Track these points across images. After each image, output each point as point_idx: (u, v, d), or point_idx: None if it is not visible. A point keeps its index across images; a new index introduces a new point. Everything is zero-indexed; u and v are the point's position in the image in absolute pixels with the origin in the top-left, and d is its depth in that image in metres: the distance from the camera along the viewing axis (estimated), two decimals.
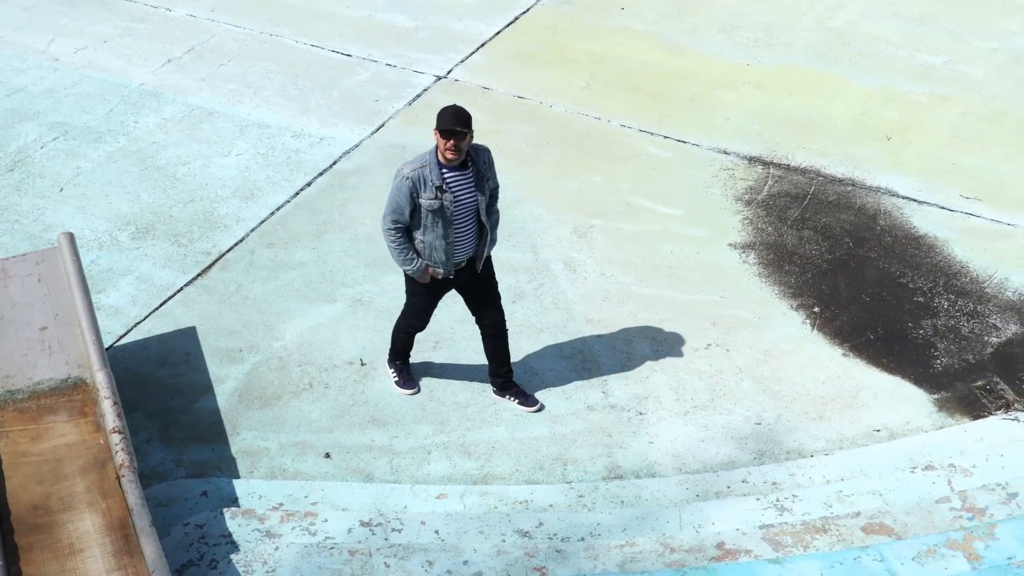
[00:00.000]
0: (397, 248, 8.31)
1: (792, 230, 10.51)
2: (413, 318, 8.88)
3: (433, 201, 8.09)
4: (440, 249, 8.28)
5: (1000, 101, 11.90)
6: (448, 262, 8.34)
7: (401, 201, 8.14)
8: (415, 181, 8.08)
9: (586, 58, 12.63)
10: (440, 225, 8.18)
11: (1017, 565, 7.75)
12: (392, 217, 8.22)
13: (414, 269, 8.35)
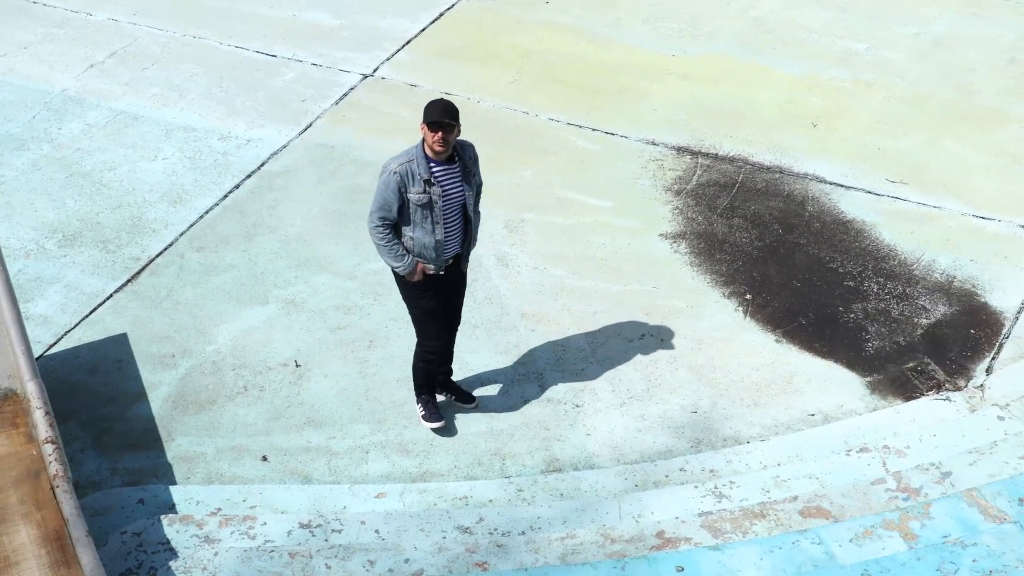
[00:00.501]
0: (386, 246, 8.15)
1: (722, 219, 10.58)
2: (427, 337, 8.55)
3: (422, 195, 7.98)
4: (430, 246, 8.14)
5: (922, 85, 12.04)
6: (439, 258, 8.20)
7: (389, 197, 8.00)
8: (403, 175, 7.95)
9: (512, 53, 12.64)
10: (429, 220, 8.06)
11: (952, 543, 7.85)
12: (380, 214, 8.08)
13: (405, 266, 8.17)
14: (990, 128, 11.46)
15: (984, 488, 8.20)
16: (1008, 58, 12.32)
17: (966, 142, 11.32)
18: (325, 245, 10.38)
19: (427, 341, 8.56)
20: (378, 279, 10.00)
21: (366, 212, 10.54)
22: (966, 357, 9.32)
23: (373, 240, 8.20)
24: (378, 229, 8.13)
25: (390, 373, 9.25)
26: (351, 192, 10.90)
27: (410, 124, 11.61)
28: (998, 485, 8.22)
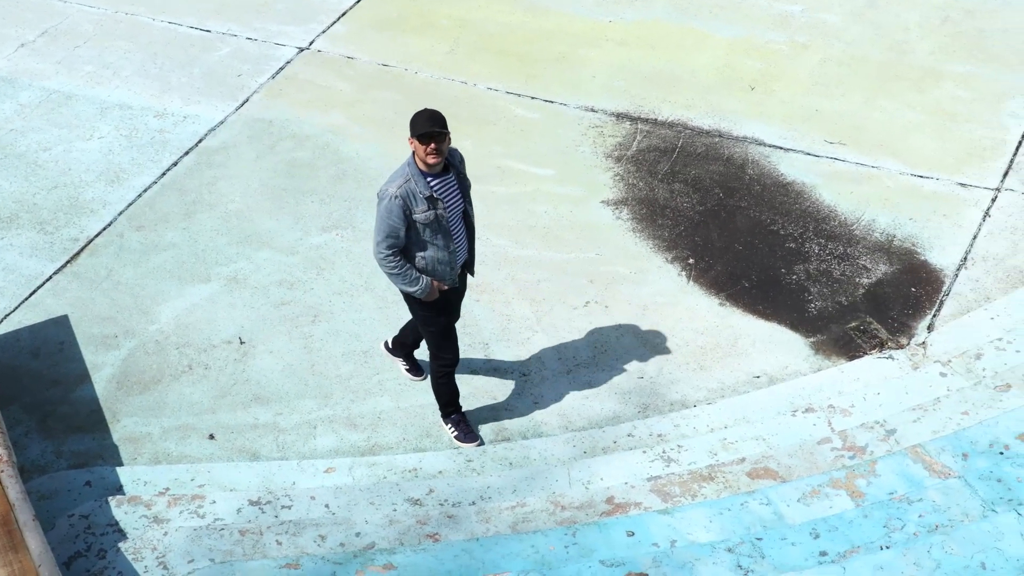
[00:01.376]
0: (400, 274, 7.86)
1: (663, 184, 10.60)
2: (441, 353, 8.34)
3: (428, 213, 7.70)
4: (444, 261, 7.91)
5: (857, 46, 12.09)
6: (452, 271, 8.00)
7: (395, 223, 7.69)
8: (405, 198, 7.64)
9: (449, 22, 12.58)
10: (439, 237, 7.81)
11: (898, 500, 7.93)
12: (387, 243, 7.76)
13: (422, 288, 7.90)
14: (925, 87, 11.54)
15: (928, 444, 8.28)
16: (942, 17, 12.40)
17: (902, 101, 11.40)
18: (266, 221, 10.31)
19: (444, 355, 8.34)
20: (320, 253, 9.95)
21: (306, 187, 10.56)
22: (908, 315, 9.40)
23: (384, 270, 7.90)
24: (388, 259, 7.82)
25: (335, 347, 9.22)
26: (290, 167, 10.84)
27: (347, 97, 11.57)
28: (942, 441, 8.31)
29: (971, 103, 11.31)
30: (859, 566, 7.53)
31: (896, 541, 7.68)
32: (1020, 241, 9.89)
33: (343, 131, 11.24)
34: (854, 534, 7.74)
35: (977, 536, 7.68)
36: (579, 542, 7.75)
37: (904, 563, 7.53)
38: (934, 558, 7.55)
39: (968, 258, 9.80)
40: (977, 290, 9.53)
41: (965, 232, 10.03)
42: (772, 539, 7.74)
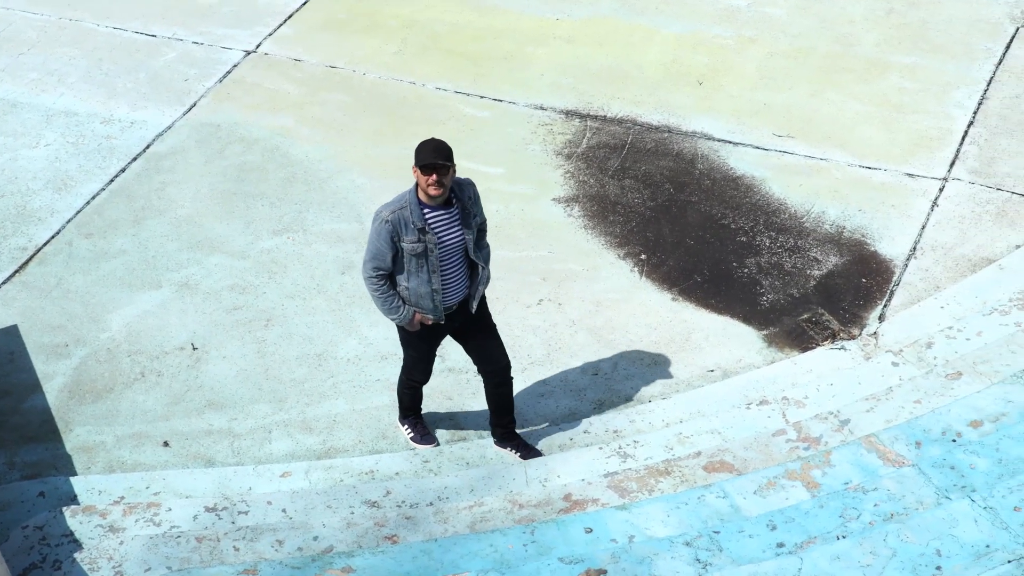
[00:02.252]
0: (381, 297, 7.71)
1: (613, 180, 10.62)
2: (413, 371, 8.28)
3: (416, 244, 7.53)
4: (426, 296, 7.70)
5: (803, 39, 12.16)
6: (436, 308, 7.76)
7: (382, 247, 7.56)
8: (395, 224, 7.49)
9: (396, 23, 12.55)
10: (425, 270, 7.62)
11: (854, 489, 7.98)
12: (373, 264, 7.63)
13: (401, 317, 7.76)
14: (872, 78, 11.61)
15: (882, 433, 8.34)
16: (886, 9, 12.48)
17: (849, 93, 11.47)
18: (216, 225, 10.26)
19: (415, 376, 8.30)
20: (272, 257, 9.91)
21: (256, 190, 10.52)
22: (859, 306, 9.46)
23: (367, 290, 7.79)
24: (372, 280, 7.69)
25: (289, 351, 9.18)
26: (240, 171, 10.79)
27: (295, 99, 11.53)
28: (895, 430, 8.36)
29: (917, 94, 11.39)
30: (816, 556, 7.57)
31: (852, 531, 7.72)
32: (968, 230, 9.98)
33: (292, 134, 11.19)
34: (810, 525, 7.78)
35: (932, 523, 7.73)
36: (537, 540, 7.75)
37: (860, 552, 7.57)
38: (890, 546, 7.60)
39: (917, 248, 9.88)
40: (927, 279, 9.60)
41: (914, 222, 10.10)
42: (729, 532, 7.76)
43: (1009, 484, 7.93)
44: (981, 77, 11.52)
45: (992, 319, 9.16)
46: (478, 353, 8.18)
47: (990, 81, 11.47)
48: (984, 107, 11.18)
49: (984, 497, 7.87)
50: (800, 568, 7.50)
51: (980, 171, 10.52)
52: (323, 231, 10.17)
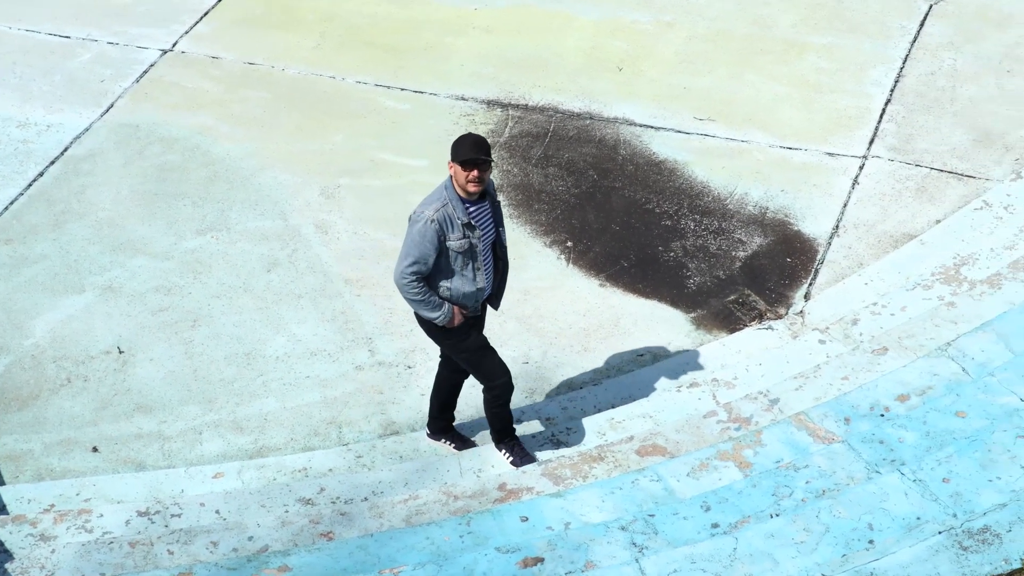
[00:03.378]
0: (421, 299, 7.50)
1: (537, 169, 10.63)
2: (491, 376, 7.92)
3: (463, 241, 7.40)
4: (470, 294, 7.60)
5: (721, 22, 12.22)
6: (476, 302, 7.70)
7: (426, 248, 7.36)
8: (441, 223, 7.31)
9: (314, 17, 12.48)
10: (470, 267, 7.52)
11: (785, 468, 8.04)
12: (414, 268, 7.41)
13: (444, 315, 7.55)
14: (789, 60, 11.70)
15: (811, 411, 8.41)
16: None
17: (768, 75, 11.55)
18: (138, 227, 10.15)
19: (493, 380, 7.93)
20: (196, 257, 9.83)
21: (177, 190, 10.41)
22: (784, 285, 9.54)
23: (404, 295, 7.57)
24: (411, 284, 7.46)
25: (217, 351, 9.11)
26: (160, 171, 10.68)
27: (214, 97, 11.43)
28: (824, 407, 8.44)
29: (834, 73, 11.49)
30: (751, 535, 7.63)
31: (785, 508, 7.79)
32: (889, 207, 10.08)
33: (212, 132, 11.10)
34: (744, 504, 7.84)
35: (863, 498, 7.81)
36: (474, 531, 7.75)
37: (794, 529, 7.64)
38: (823, 522, 7.67)
39: (840, 226, 9.97)
40: (850, 257, 9.70)
41: (836, 200, 10.19)
42: (664, 515, 7.80)
43: (937, 456, 8.03)
44: (897, 55, 11.65)
45: (915, 294, 9.27)
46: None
47: (905, 59, 11.60)
48: (900, 85, 11.30)
49: (913, 470, 7.96)
50: (735, 548, 7.55)
51: (899, 148, 10.64)
52: (247, 229, 10.09)
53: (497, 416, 8.16)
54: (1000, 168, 10.35)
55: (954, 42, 11.72)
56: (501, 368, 7.93)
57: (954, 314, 9.05)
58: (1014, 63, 11.43)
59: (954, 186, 10.24)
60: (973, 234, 9.71)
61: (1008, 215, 9.82)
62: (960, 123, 10.84)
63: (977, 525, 7.64)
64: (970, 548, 7.52)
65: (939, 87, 11.23)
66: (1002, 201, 9.97)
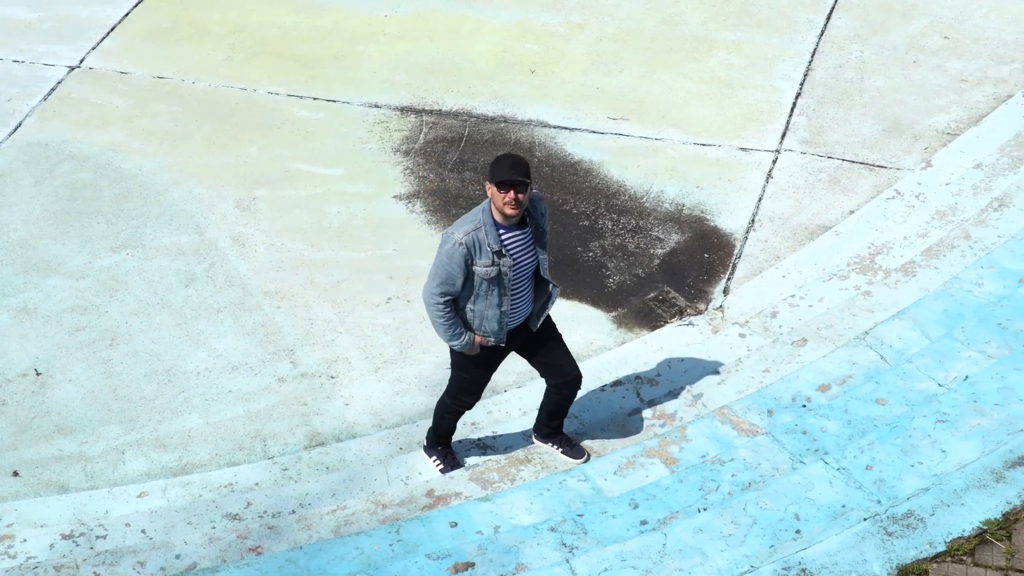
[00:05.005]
0: (445, 324, 7.30)
1: (453, 174, 10.62)
2: (462, 395, 7.85)
3: (490, 268, 7.14)
4: (493, 319, 7.35)
5: (631, 22, 12.28)
6: (501, 331, 7.42)
7: (453, 271, 7.13)
8: (469, 247, 7.07)
9: (223, 29, 12.39)
10: (496, 294, 7.25)
11: (711, 462, 8.10)
12: (441, 289, 7.20)
13: (462, 344, 7.38)
14: (700, 56, 11.78)
15: (734, 404, 8.49)
16: None
17: (679, 72, 11.62)
18: (52, 246, 10.02)
19: (464, 399, 7.89)
20: (112, 275, 9.72)
21: (90, 208, 10.29)
22: (703, 281, 9.60)
23: (429, 314, 7.36)
24: (439, 306, 7.26)
25: (137, 369, 9.02)
26: (72, 189, 10.54)
27: (124, 113, 11.31)
28: (747, 400, 8.52)
29: (745, 69, 11.59)
30: (679, 531, 7.68)
31: (712, 502, 7.85)
32: (803, 199, 10.19)
33: (123, 148, 10.98)
34: (672, 500, 7.89)
35: (789, 489, 7.90)
36: (403, 538, 7.74)
37: (722, 523, 7.70)
38: (750, 514, 7.74)
39: (756, 220, 10.05)
40: (767, 250, 9.78)
41: (750, 195, 10.28)
42: (593, 514, 7.84)
43: (859, 444, 8.14)
44: (805, 49, 11.77)
45: (832, 284, 9.37)
46: (546, 367, 7.84)
47: (814, 52, 11.72)
48: (810, 78, 11.42)
49: (837, 459, 8.06)
50: (664, 543, 7.60)
51: (810, 141, 10.75)
52: (163, 245, 10.00)
53: (446, 422, 8.08)
54: (910, 157, 10.49)
55: (860, 34, 11.87)
56: (476, 396, 7.89)
57: (871, 303, 9.17)
58: (919, 53, 11.59)
59: (866, 176, 10.36)
60: (886, 223, 9.84)
61: (920, 203, 9.96)
62: (869, 114, 10.98)
63: (901, 510, 7.75)
64: (895, 533, 7.63)
65: (847, 79, 11.37)
66: (913, 190, 10.11)
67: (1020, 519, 7.67)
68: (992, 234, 9.61)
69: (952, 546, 7.54)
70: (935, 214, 9.86)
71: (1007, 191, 9.96)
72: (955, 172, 10.22)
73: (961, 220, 9.77)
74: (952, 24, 11.94)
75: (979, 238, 9.59)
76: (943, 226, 9.74)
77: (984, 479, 7.88)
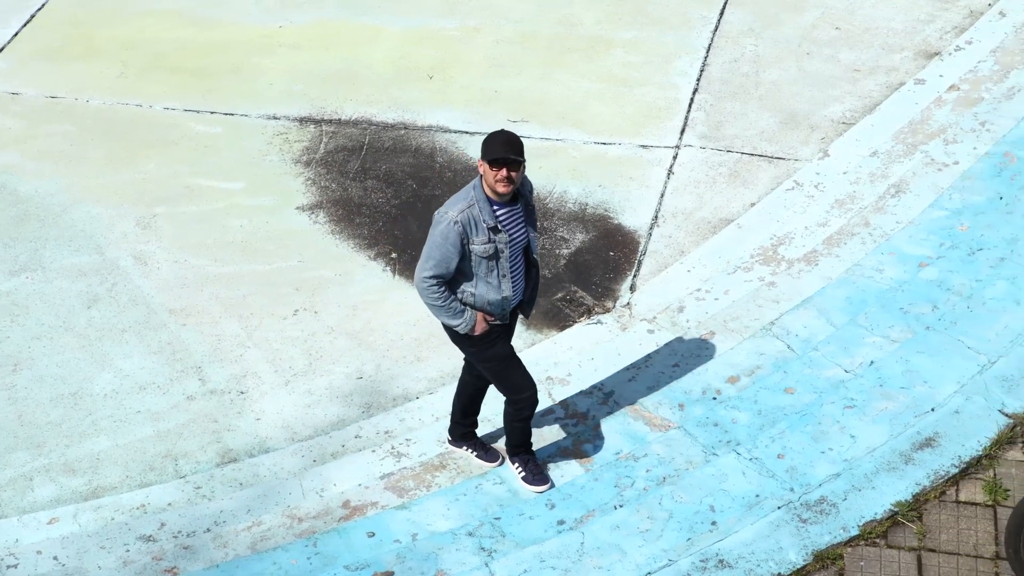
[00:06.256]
0: (442, 305, 7.11)
1: (355, 183, 10.58)
2: (515, 389, 7.54)
3: (487, 245, 7.00)
4: (495, 302, 7.20)
5: (527, 24, 12.31)
6: (503, 312, 7.28)
7: (449, 251, 6.96)
8: (465, 225, 6.91)
9: (115, 45, 12.23)
10: (495, 273, 7.12)
11: (625, 458, 8.15)
12: (434, 272, 7.02)
13: (466, 322, 7.18)
14: (597, 56, 11.84)
15: (646, 401, 8.54)
16: None
17: (577, 73, 11.66)
18: None
19: (519, 393, 7.55)
20: (11, 300, 9.56)
21: None
22: (610, 279, 9.65)
23: (424, 299, 7.17)
24: (431, 288, 7.06)
25: (42, 394, 8.88)
26: None
27: (17, 134, 11.13)
28: (658, 395, 8.57)
29: (642, 67, 11.66)
30: (596, 529, 7.71)
31: (628, 499, 7.89)
32: (705, 193, 10.27)
33: (18, 170, 10.80)
34: (588, 499, 7.92)
35: (703, 481, 7.96)
36: (321, 551, 7.70)
37: (638, 518, 7.75)
38: (666, 509, 7.80)
39: (659, 216, 10.12)
40: (671, 246, 9.85)
41: (653, 192, 10.34)
42: (510, 516, 7.84)
43: (770, 433, 8.23)
44: (700, 45, 11.87)
45: (737, 277, 9.46)
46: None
47: (709, 48, 11.83)
48: (706, 73, 11.52)
49: (749, 449, 8.14)
50: (582, 542, 7.63)
51: (709, 136, 10.84)
52: (63, 266, 9.85)
53: (517, 430, 7.84)
54: (807, 148, 10.62)
55: (754, 28, 12.00)
56: (527, 380, 7.56)
57: (775, 293, 9.27)
58: (812, 45, 11.74)
59: (765, 169, 10.47)
60: (787, 214, 9.95)
61: (819, 193, 10.08)
62: (766, 107, 11.10)
63: (814, 497, 7.85)
64: (809, 520, 7.72)
65: (743, 73, 11.48)
66: (812, 180, 10.23)
67: (930, 500, 7.79)
68: (891, 220, 9.75)
69: (865, 529, 7.64)
70: (834, 203, 9.99)
71: (903, 177, 10.12)
72: (852, 161, 10.36)
73: (860, 208, 9.91)
74: (843, 15, 12.11)
75: (878, 225, 9.73)
76: (843, 214, 9.87)
77: (893, 462, 8.00)
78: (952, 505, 7.76)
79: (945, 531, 7.64)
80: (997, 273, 9.22)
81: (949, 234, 9.58)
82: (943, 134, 10.49)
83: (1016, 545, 7.11)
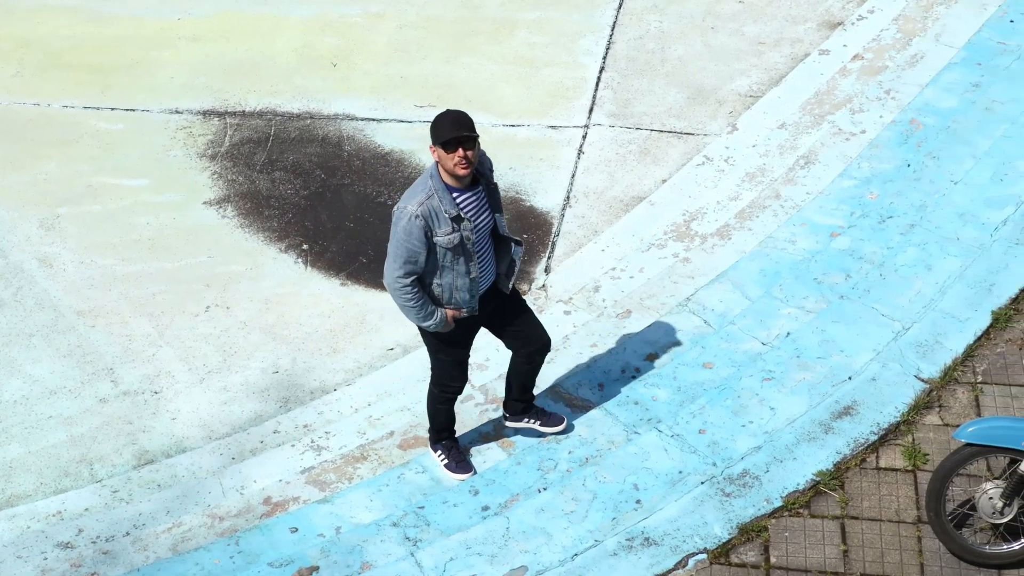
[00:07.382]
0: (414, 306, 6.93)
1: (263, 175, 10.45)
2: (447, 378, 7.52)
3: (452, 236, 6.76)
4: (463, 289, 6.99)
5: (430, 8, 12.22)
6: (472, 299, 7.07)
7: (414, 247, 6.75)
8: (427, 217, 6.68)
9: (9, 44, 11.98)
10: (462, 262, 6.89)
11: (547, 441, 8.12)
12: (405, 270, 6.82)
13: (436, 323, 7.02)
14: (502, 38, 11.78)
15: (565, 382, 8.52)
16: None
17: (483, 55, 11.60)
18: None
19: (451, 384, 7.56)
20: None
21: None
22: (524, 262, 9.60)
23: (396, 300, 6.99)
24: (405, 289, 6.87)
25: None
26: None
27: None
28: (577, 376, 8.56)
29: (547, 47, 11.63)
30: (521, 513, 7.69)
31: (552, 481, 7.87)
32: (616, 172, 10.26)
33: None
34: (511, 483, 7.89)
35: (626, 460, 7.96)
36: (244, 549, 7.61)
37: (563, 500, 7.73)
38: (590, 489, 7.79)
39: (571, 196, 10.10)
40: (585, 226, 9.83)
41: (563, 172, 10.32)
42: (434, 505, 7.80)
43: (690, 409, 8.24)
44: (605, 23, 11.85)
45: (651, 254, 9.46)
46: (518, 337, 7.49)
47: (614, 26, 11.81)
48: (612, 52, 11.51)
49: (670, 426, 8.15)
50: (508, 527, 7.60)
51: (618, 114, 10.83)
52: None
53: (441, 413, 7.82)
54: (716, 123, 10.64)
55: (658, 5, 11.99)
56: (462, 379, 7.59)
57: (690, 269, 9.29)
58: (716, 20, 11.76)
59: (675, 145, 10.48)
60: (698, 189, 9.97)
61: (729, 167, 10.11)
62: (673, 83, 11.10)
63: (736, 470, 7.88)
64: (732, 494, 7.74)
65: (649, 50, 11.48)
66: (721, 154, 10.26)
67: (851, 468, 7.85)
68: (801, 191, 9.80)
69: (788, 500, 7.68)
70: (745, 176, 10.02)
71: (812, 148, 10.17)
72: (760, 134, 10.40)
73: (770, 180, 9.95)
74: None
75: (789, 196, 9.78)
76: (753, 188, 9.91)
77: (813, 432, 8.04)
78: (873, 472, 7.82)
79: (867, 498, 7.69)
80: (908, 240, 9.29)
81: (859, 203, 9.64)
82: (849, 104, 10.56)
83: (937, 508, 7.18)
